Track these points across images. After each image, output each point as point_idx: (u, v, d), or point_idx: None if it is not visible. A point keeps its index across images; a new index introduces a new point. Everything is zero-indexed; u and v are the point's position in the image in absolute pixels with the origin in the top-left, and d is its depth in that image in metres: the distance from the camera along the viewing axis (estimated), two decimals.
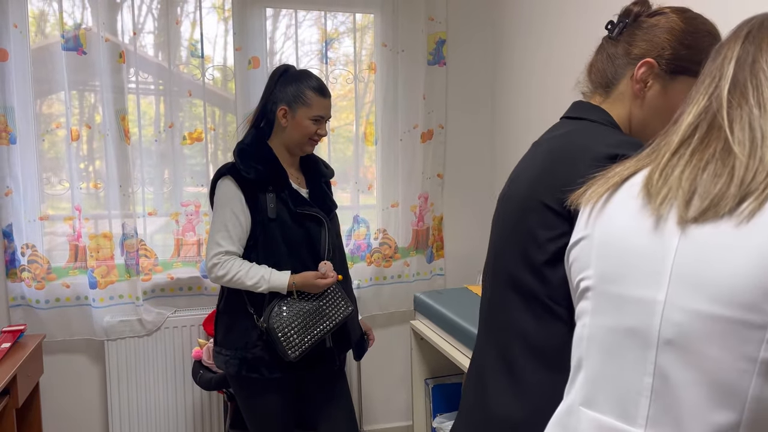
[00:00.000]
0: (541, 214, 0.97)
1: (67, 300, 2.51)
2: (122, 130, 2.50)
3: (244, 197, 1.82)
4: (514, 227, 1.03)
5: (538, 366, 0.99)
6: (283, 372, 1.85)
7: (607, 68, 1.04)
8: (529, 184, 1.01)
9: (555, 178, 0.96)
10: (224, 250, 1.81)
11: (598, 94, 1.07)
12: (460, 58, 2.95)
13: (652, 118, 1.02)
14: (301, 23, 2.75)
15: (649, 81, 1.00)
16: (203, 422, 2.65)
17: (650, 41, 1.00)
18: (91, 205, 2.54)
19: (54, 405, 2.57)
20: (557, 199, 0.95)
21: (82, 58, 2.44)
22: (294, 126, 1.88)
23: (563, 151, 0.98)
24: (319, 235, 1.89)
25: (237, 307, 1.87)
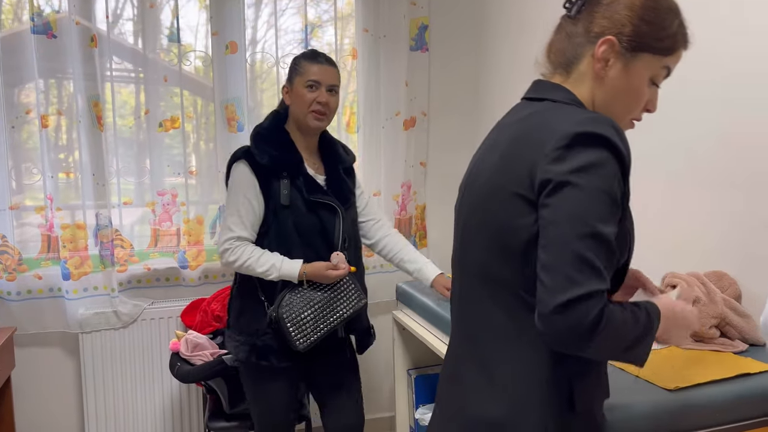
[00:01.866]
0: (512, 203, 0.93)
1: (40, 292, 2.44)
2: (95, 118, 2.42)
3: (258, 182, 1.78)
4: (483, 218, 0.99)
5: (512, 360, 0.97)
6: (292, 361, 1.83)
7: (567, 48, 1.01)
8: (496, 172, 0.97)
9: (522, 165, 0.92)
10: (236, 235, 1.79)
11: (558, 75, 1.03)
12: (443, 44, 2.90)
13: (615, 98, 0.99)
14: (284, 11, 2.68)
15: (610, 59, 0.96)
16: (182, 415, 2.61)
17: (610, 18, 0.96)
18: (67, 195, 2.47)
19: (27, 400, 2.51)
20: (527, 185, 0.91)
21: (52, 42, 2.36)
22: (294, 99, 1.85)
23: (528, 135, 0.94)
24: (333, 224, 1.85)
25: (249, 292, 1.85)
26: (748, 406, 1.23)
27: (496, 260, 0.97)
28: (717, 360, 1.37)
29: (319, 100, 1.83)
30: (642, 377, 1.28)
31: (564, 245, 0.85)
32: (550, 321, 0.85)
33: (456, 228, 1.10)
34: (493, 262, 0.97)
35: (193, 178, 2.62)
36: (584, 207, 0.86)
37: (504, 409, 0.96)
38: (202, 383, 2.31)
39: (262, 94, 2.71)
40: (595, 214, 0.86)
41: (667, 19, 0.97)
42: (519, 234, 0.92)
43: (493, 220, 0.96)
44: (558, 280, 0.84)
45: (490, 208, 0.97)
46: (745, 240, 1.55)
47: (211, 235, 2.66)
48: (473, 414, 1.00)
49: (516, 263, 0.94)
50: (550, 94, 1.00)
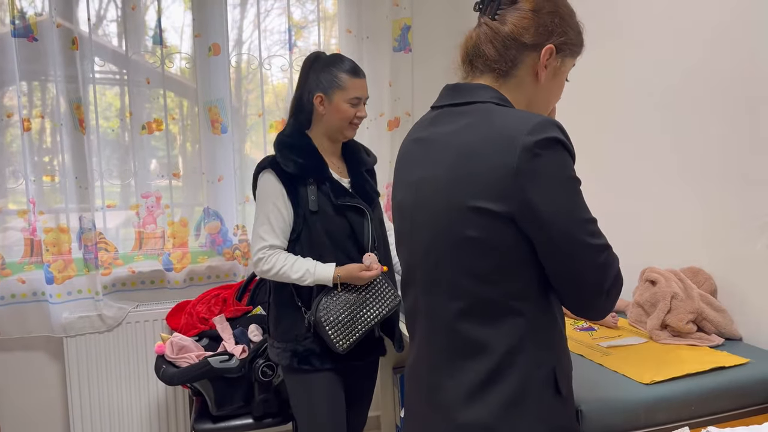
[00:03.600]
0: (479, 219, 0.95)
1: (23, 296, 2.43)
2: (77, 120, 2.41)
3: (285, 190, 1.80)
4: (448, 237, 1.00)
5: (499, 368, 0.99)
6: (334, 363, 1.84)
7: (502, 55, 1.03)
8: (449, 188, 0.99)
9: (481, 179, 0.95)
10: (268, 244, 1.80)
11: (489, 78, 1.06)
12: (426, 45, 2.92)
13: (548, 97, 1.09)
14: (269, 12, 2.68)
15: (549, 65, 1.04)
16: (168, 417, 2.60)
17: (544, 26, 1.02)
18: (50, 199, 2.46)
19: (11, 405, 2.49)
20: (496, 199, 0.93)
21: (33, 45, 2.35)
22: (332, 112, 1.84)
23: (479, 148, 0.96)
24: (363, 226, 1.86)
25: (285, 299, 1.86)
26: (724, 399, 1.25)
27: (474, 276, 0.98)
28: (693, 354, 1.39)
29: (360, 116, 1.87)
30: (618, 371, 1.29)
31: (581, 249, 0.95)
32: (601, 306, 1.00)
33: (411, 250, 1.10)
34: (469, 277, 0.99)
35: (177, 180, 2.62)
36: (572, 205, 0.95)
37: (495, 414, 0.99)
38: (188, 385, 2.31)
39: (248, 95, 2.71)
40: (580, 206, 0.96)
41: (578, 24, 1.07)
42: (499, 249, 0.96)
43: (463, 240, 0.98)
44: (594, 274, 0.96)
45: (453, 228, 0.98)
46: (720, 236, 1.58)
47: (196, 237, 2.66)
48: (465, 422, 1.01)
49: (499, 276, 0.97)
50: (477, 96, 1.03)
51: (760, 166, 1.46)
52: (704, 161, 1.61)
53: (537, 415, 1.00)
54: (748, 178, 1.49)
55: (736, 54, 1.51)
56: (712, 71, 1.58)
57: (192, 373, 2.14)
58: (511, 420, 0.99)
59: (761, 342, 1.47)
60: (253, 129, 2.71)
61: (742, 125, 1.50)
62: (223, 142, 2.60)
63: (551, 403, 1.01)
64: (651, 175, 1.79)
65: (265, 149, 2.70)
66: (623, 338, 1.52)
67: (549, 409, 1.01)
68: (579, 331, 1.60)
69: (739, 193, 1.52)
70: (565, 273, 0.96)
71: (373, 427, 2.95)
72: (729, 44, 1.52)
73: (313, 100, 1.85)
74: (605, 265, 0.96)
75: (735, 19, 1.50)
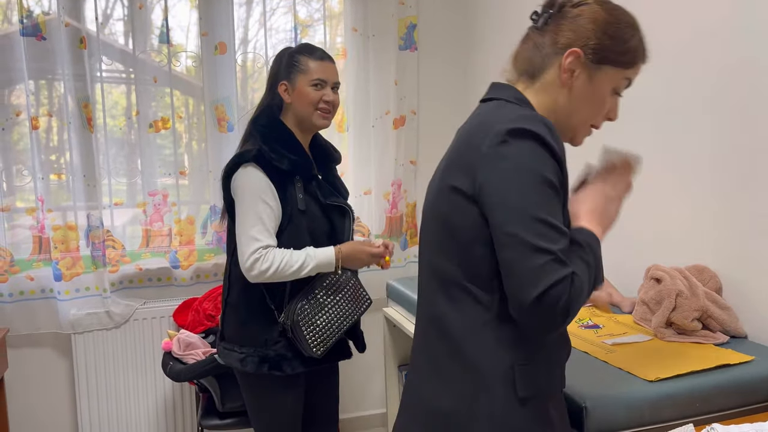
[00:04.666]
0: (451, 197, 0.99)
1: (32, 293, 2.45)
2: (85, 119, 2.43)
3: (273, 187, 1.70)
4: (431, 214, 1.06)
5: (457, 352, 1.01)
6: (305, 367, 1.77)
7: (534, 57, 1.05)
8: (443, 173, 1.03)
9: (462, 164, 0.98)
10: (263, 244, 1.67)
11: (521, 82, 1.08)
12: (432, 43, 2.92)
13: (579, 107, 1.04)
14: (275, 11, 2.69)
15: (576, 70, 1.02)
16: (175, 414, 2.62)
17: (575, 31, 1.01)
18: (58, 197, 2.47)
19: (20, 400, 2.52)
20: (467, 183, 0.96)
21: (41, 43, 2.36)
22: (297, 97, 1.77)
23: (470, 133, 1.00)
24: (343, 225, 1.83)
25: (253, 301, 1.75)
26: (729, 397, 1.25)
27: (443, 254, 1.02)
28: (698, 352, 1.39)
29: (327, 99, 1.79)
30: (623, 369, 1.30)
31: (517, 242, 0.90)
32: (527, 317, 0.92)
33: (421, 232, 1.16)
34: (440, 256, 1.03)
35: (184, 179, 2.63)
36: (523, 197, 0.91)
37: (452, 400, 1.01)
38: (194, 382, 2.32)
39: (253, 94, 2.72)
40: (534, 202, 0.90)
41: (627, 33, 1.02)
42: (460, 229, 0.98)
43: (439, 217, 1.03)
44: (519, 279, 0.90)
45: (435, 204, 1.04)
46: (726, 234, 1.58)
47: (202, 235, 2.68)
48: (426, 405, 1.05)
49: (459, 256, 0.99)
50: (499, 94, 1.06)
51: (766, 163, 1.46)
52: (710, 158, 1.61)
53: (487, 409, 0.98)
54: (754, 176, 1.49)
55: (741, 50, 1.51)
56: (720, 67, 1.58)
57: (199, 369, 2.15)
58: (462, 409, 1.00)
59: (766, 340, 1.47)
60: None
61: (749, 122, 1.50)
62: (230, 141, 2.61)
63: (504, 403, 0.98)
64: (657, 173, 1.79)
65: None
66: (628, 336, 1.52)
67: (501, 408, 0.98)
68: (584, 329, 1.61)
69: (745, 190, 1.52)
70: (502, 266, 0.93)
71: (380, 424, 2.97)
72: (739, 39, 1.52)
73: (278, 91, 1.78)
74: (541, 270, 0.87)
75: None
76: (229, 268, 1.82)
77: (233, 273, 1.79)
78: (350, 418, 2.94)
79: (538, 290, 0.88)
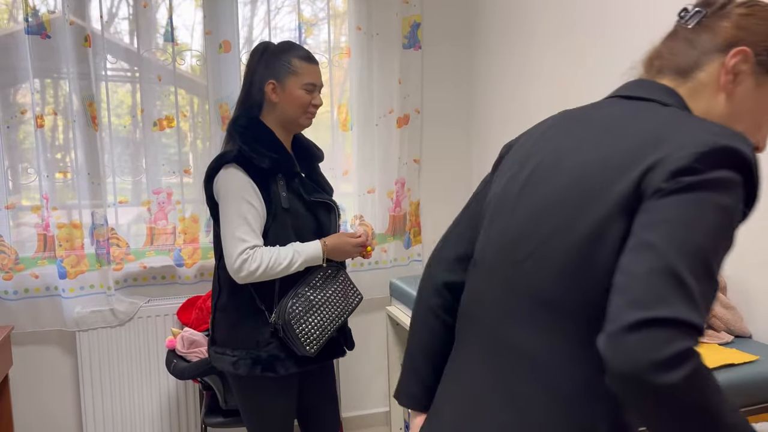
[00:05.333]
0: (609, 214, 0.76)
1: (36, 290, 2.46)
2: (89, 117, 2.44)
3: (256, 186, 1.68)
4: (565, 226, 0.80)
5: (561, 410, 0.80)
6: (299, 367, 1.76)
7: (687, 53, 0.87)
8: (591, 176, 0.79)
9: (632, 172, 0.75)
10: (251, 244, 1.66)
11: (668, 79, 0.89)
12: (436, 42, 2.92)
13: (739, 118, 0.86)
14: (279, 10, 2.70)
15: (741, 74, 0.84)
16: (179, 412, 2.63)
17: (745, 29, 0.85)
18: (63, 195, 2.48)
19: (25, 397, 2.53)
20: (632, 195, 0.75)
21: (46, 42, 2.37)
22: (286, 99, 1.76)
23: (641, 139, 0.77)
24: (329, 222, 1.83)
25: (243, 303, 1.74)
26: (732, 396, 1.25)
27: (566, 279, 0.80)
28: (702, 351, 1.39)
29: (315, 103, 1.80)
30: None
31: (657, 259, 0.68)
32: (618, 342, 0.66)
33: (496, 226, 0.92)
34: (560, 281, 0.80)
35: (188, 177, 2.64)
36: (698, 225, 0.69)
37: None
38: (198, 380, 2.33)
39: None
40: (707, 236, 0.69)
41: None
42: (604, 250, 0.76)
43: (579, 233, 0.79)
44: (641, 294, 0.67)
45: (577, 216, 0.79)
46: None
47: (207, 233, 2.68)
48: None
49: (590, 284, 0.78)
50: (660, 97, 0.86)
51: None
52: None
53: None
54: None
55: None
56: None
57: (202, 367, 2.16)
58: None
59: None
60: None
61: None
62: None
63: None
64: None
65: None
66: None
67: None
68: None
69: None
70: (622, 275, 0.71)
71: (382, 423, 2.97)
72: None
73: (264, 88, 1.76)
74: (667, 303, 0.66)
75: None
76: (217, 272, 1.81)
77: (221, 276, 1.78)
78: (353, 416, 2.95)
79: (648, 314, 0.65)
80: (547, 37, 2.27)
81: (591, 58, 2.06)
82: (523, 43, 2.47)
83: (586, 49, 2.08)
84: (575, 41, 2.12)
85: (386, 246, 2.88)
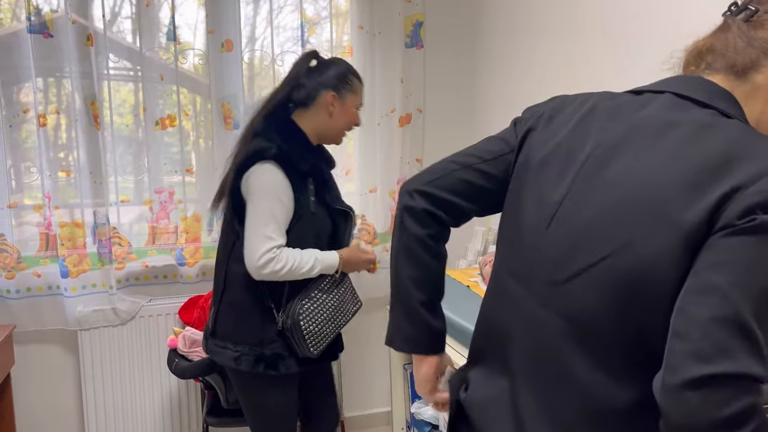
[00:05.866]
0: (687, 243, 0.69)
1: (39, 289, 2.46)
2: (92, 116, 2.44)
3: (291, 187, 1.69)
4: (619, 248, 0.74)
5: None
6: (301, 367, 1.78)
7: (745, 49, 0.79)
8: (665, 190, 0.71)
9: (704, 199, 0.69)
10: (277, 243, 1.66)
11: (723, 79, 0.81)
12: (438, 41, 2.91)
13: None
14: (282, 9, 2.69)
15: None
16: (180, 411, 2.63)
17: None
18: (65, 194, 2.49)
19: (27, 396, 2.53)
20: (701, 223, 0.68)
21: (48, 41, 2.37)
22: (342, 113, 1.81)
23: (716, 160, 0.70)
24: (345, 228, 1.85)
25: (252, 299, 1.74)
26: None
27: (614, 308, 0.74)
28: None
29: (358, 123, 1.89)
30: None
31: (722, 305, 0.64)
32: (679, 396, 0.63)
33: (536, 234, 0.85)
34: (607, 310, 0.75)
35: (190, 176, 2.64)
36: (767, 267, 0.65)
37: None
38: (200, 379, 2.33)
39: (260, 92, 2.72)
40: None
41: None
42: (662, 281, 0.70)
43: (634, 255, 0.72)
44: (704, 344, 0.63)
45: (634, 239, 0.72)
46: None
47: (209, 233, 2.68)
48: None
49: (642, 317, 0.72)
50: (721, 104, 0.78)
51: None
52: None
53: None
54: None
55: None
56: None
57: (204, 366, 2.16)
58: None
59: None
60: None
61: None
62: (236, 138, 2.60)
63: None
64: None
65: None
66: None
67: None
68: None
69: None
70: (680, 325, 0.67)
71: (384, 423, 2.97)
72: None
73: (317, 97, 1.78)
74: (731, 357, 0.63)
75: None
76: (226, 265, 1.80)
77: (231, 270, 1.78)
78: (355, 416, 2.95)
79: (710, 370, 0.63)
80: (550, 37, 2.26)
81: (595, 58, 2.06)
82: (526, 43, 2.46)
83: (590, 49, 2.07)
84: (579, 41, 2.12)
85: (388, 246, 2.88)
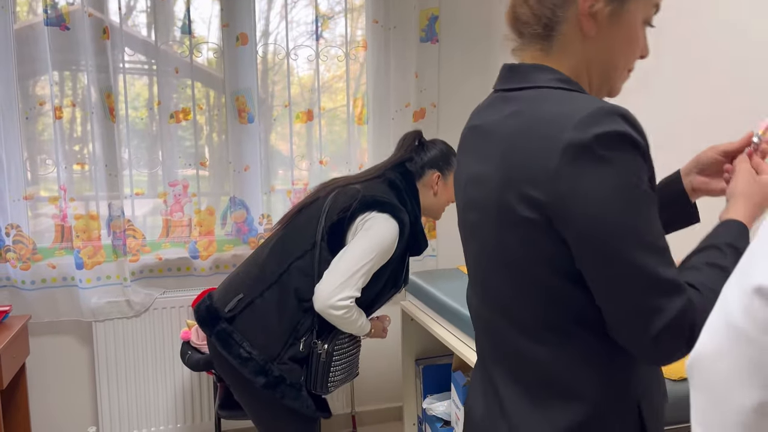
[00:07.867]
0: (523, 228, 0.79)
1: (54, 281, 2.48)
2: (107, 109, 2.45)
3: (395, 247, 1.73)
4: (498, 247, 0.84)
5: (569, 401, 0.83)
6: (295, 402, 1.71)
7: (539, 11, 0.83)
8: (499, 192, 0.81)
9: (524, 182, 0.77)
10: (357, 296, 1.67)
11: (535, 47, 0.86)
12: (454, 35, 2.89)
13: (613, 54, 0.85)
14: (297, 2, 2.69)
15: (598, 11, 0.81)
16: (193, 403, 2.64)
17: None
18: (80, 186, 2.50)
19: (41, 386, 2.56)
20: (532, 205, 0.77)
21: (65, 34, 2.38)
22: (444, 193, 1.88)
23: (521, 143, 0.78)
24: (402, 269, 1.86)
25: (290, 314, 1.70)
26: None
27: (517, 296, 0.84)
28: None
29: (453, 201, 1.89)
30: None
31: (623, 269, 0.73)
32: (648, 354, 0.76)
33: (469, 255, 0.94)
34: (515, 298, 0.84)
35: (204, 170, 2.64)
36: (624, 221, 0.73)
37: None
38: (212, 371, 2.34)
39: (274, 86, 2.72)
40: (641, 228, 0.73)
41: None
42: (536, 265, 0.80)
43: (508, 250, 0.82)
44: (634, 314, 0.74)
45: (503, 236, 0.82)
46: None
47: (222, 226, 2.69)
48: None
49: (538, 296, 0.81)
50: (531, 80, 0.84)
51: None
52: None
53: None
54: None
55: None
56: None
57: None
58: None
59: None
60: (278, 120, 2.72)
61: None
62: (250, 132, 2.62)
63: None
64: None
65: (290, 140, 2.71)
66: None
67: None
68: None
69: None
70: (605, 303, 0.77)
71: (395, 418, 2.97)
72: None
73: (425, 175, 1.84)
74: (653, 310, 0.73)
75: None
76: (288, 265, 1.74)
77: (286, 279, 1.72)
78: (366, 411, 2.95)
79: (652, 334, 0.73)
80: None
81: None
82: None
83: None
84: None
85: None
